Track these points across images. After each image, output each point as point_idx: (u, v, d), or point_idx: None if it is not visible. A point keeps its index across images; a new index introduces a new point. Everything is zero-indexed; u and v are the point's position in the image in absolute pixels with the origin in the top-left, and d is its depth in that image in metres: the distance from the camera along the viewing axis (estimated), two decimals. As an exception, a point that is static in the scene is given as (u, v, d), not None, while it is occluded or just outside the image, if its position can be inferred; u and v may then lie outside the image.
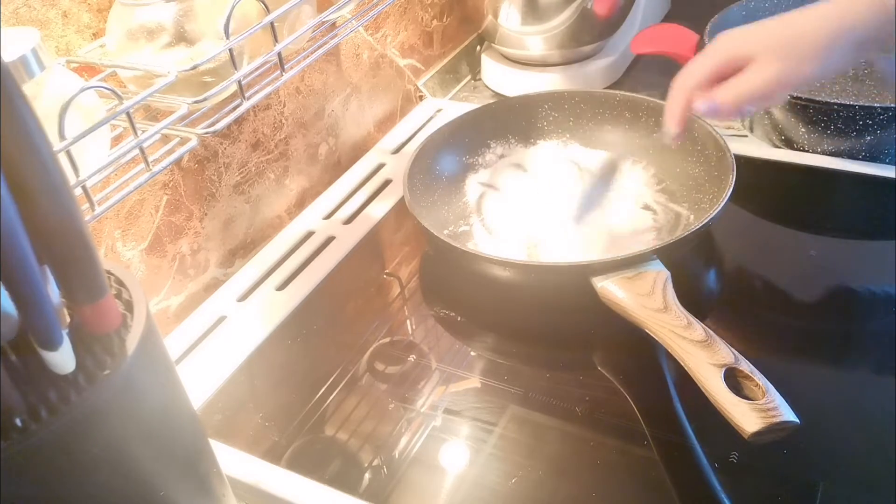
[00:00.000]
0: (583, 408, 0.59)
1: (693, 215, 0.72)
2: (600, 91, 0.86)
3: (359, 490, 0.55)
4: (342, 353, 0.68)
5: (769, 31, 0.57)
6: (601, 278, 0.61)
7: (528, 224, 0.74)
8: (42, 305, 0.32)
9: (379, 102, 0.98)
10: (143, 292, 0.40)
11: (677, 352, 0.54)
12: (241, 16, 0.56)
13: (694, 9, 0.97)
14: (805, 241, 0.75)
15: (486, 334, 0.69)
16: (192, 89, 0.56)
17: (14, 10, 0.56)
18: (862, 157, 0.80)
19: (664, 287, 0.59)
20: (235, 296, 0.73)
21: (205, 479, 0.44)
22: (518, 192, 0.79)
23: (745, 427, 0.48)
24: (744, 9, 0.92)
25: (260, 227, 0.82)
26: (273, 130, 0.81)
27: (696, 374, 0.52)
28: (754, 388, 0.50)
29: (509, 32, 1.01)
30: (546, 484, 0.54)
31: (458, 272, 0.73)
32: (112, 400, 0.36)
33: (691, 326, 0.55)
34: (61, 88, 0.47)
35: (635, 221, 0.73)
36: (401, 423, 0.60)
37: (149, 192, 0.68)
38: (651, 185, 0.77)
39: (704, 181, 0.73)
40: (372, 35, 0.94)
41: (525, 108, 0.85)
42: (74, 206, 0.32)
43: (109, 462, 0.36)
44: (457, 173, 0.82)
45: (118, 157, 0.51)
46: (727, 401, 0.49)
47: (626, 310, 0.59)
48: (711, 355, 0.52)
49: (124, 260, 0.67)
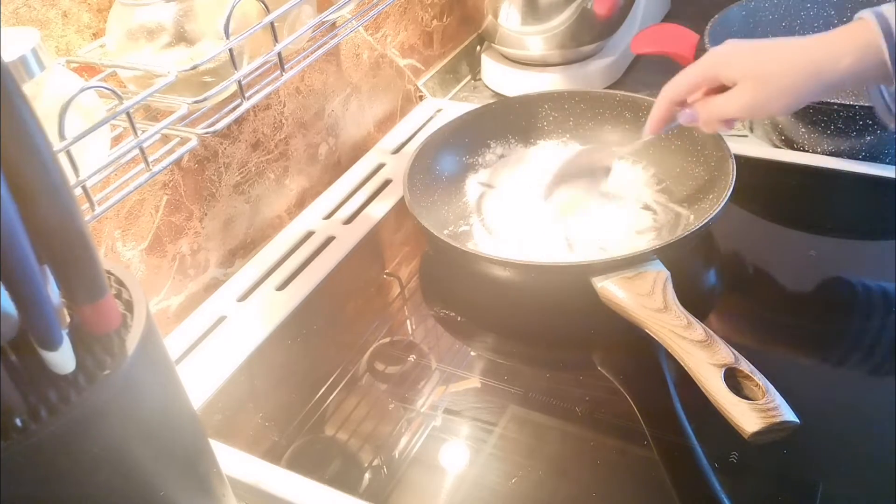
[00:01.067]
0: (583, 408, 0.59)
1: (693, 215, 0.72)
2: (600, 91, 0.86)
3: (359, 490, 0.55)
4: (342, 353, 0.68)
5: (753, 59, 0.60)
6: (601, 278, 0.61)
7: (528, 224, 0.74)
8: (42, 305, 0.32)
9: (379, 102, 0.98)
10: (143, 292, 0.40)
11: (677, 352, 0.54)
12: (241, 16, 0.56)
13: (694, 9, 0.97)
14: (805, 241, 0.75)
15: (486, 334, 0.69)
16: (192, 89, 0.56)
17: (14, 10, 0.56)
18: (862, 157, 0.80)
19: (664, 287, 0.59)
20: (235, 296, 0.73)
21: (205, 479, 0.44)
22: (518, 193, 0.79)
23: (745, 427, 0.48)
24: (744, 9, 0.92)
25: (260, 227, 0.82)
26: (273, 130, 0.81)
27: (696, 374, 0.52)
28: (754, 388, 0.50)
29: (509, 32, 1.01)
30: (546, 484, 0.54)
31: (458, 272, 0.73)
32: (112, 400, 0.36)
33: (691, 326, 0.55)
34: (61, 88, 0.47)
35: (635, 221, 0.73)
36: (401, 423, 0.60)
37: (149, 192, 0.68)
38: (651, 185, 0.77)
39: (704, 181, 0.73)
40: (372, 35, 0.94)
41: (525, 108, 0.85)
42: (74, 206, 0.32)
43: (109, 462, 0.36)
44: (457, 173, 0.82)
45: (118, 157, 0.51)
46: (727, 401, 0.49)
47: (626, 310, 0.59)
48: (711, 355, 0.52)
49: (124, 260, 0.67)
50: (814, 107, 0.78)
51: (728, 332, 0.62)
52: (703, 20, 0.88)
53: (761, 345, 0.63)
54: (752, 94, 0.59)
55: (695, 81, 0.63)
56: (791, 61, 0.58)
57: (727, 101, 0.60)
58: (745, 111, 0.60)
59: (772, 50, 0.59)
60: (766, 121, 0.84)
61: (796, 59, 0.58)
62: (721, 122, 0.63)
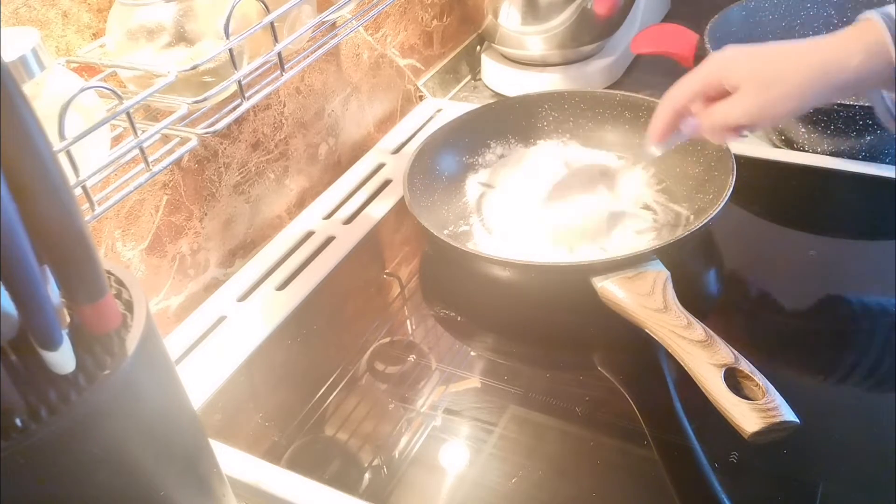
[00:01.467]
0: (583, 408, 0.59)
1: (693, 215, 0.72)
2: (600, 91, 0.86)
3: (359, 490, 0.55)
4: (342, 353, 0.68)
5: (757, 61, 0.57)
6: (601, 278, 0.61)
7: (528, 224, 0.74)
8: (42, 305, 0.32)
9: (379, 102, 0.98)
10: (143, 292, 0.40)
11: (677, 352, 0.54)
12: (241, 16, 0.56)
13: (694, 9, 0.97)
14: (805, 241, 0.75)
15: (486, 334, 0.69)
16: (192, 89, 0.56)
17: (14, 10, 0.56)
18: (862, 157, 0.80)
19: (664, 287, 0.59)
20: (235, 296, 0.73)
21: (205, 479, 0.44)
22: (518, 192, 0.79)
23: (746, 427, 0.48)
24: (744, 9, 0.92)
25: (260, 227, 0.82)
26: (273, 130, 0.81)
27: (696, 374, 0.52)
28: (754, 388, 0.50)
29: (509, 32, 1.01)
30: (546, 484, 0.54)
31: (458, 272, 0.73)
32: (112, 400, 0.36)
33: (691, 326, 0.55)
34: (61, 88, 0.47)
35: (635, 221, 0.73)
36: (401, 423, 0.60)
37: (149, 192, 0.68)
38: (651, 185, 0.77)
39: (704, 181, 0.73)
40: (372, 35, 0.94)
41: (525, 108, 0.85)
42: (74, 206, 0.32)
43: (109, 462, 0.36)
44: (457, 173, 0.82)
45: (118, 157, 0.51)
46: (727, 401, 0.49)
47: (626, 310, 0.59)
48: (711, 355, 0.52)
49: (124, 260, 0.67)
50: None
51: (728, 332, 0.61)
52: (703, 20, 0.88)
53: (761, 345, 0.63)
54: (754, 98, 0.56)
55: (696, 87, 0.60)
56: (796, 63, 0.56)
57: (731, 106, 0.57)
58: (750, 116, 0.57)
59: (775, 52, 0.57)
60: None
61: (802, 61, 0.56)
62: (727, 131, 0.60)
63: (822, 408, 0.57)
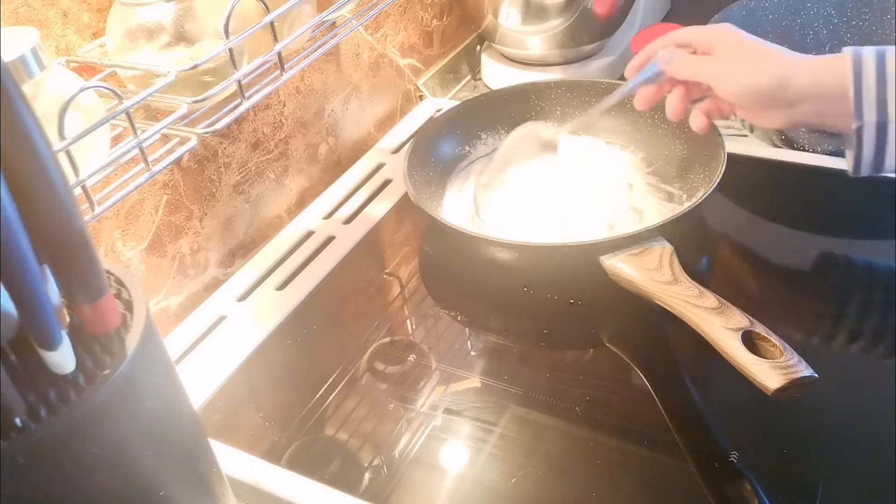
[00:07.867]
0: (583, 408, 0.59)
1: (685, 195, 0.74)
2: (586, 79, 0.87)
3: (359, 490, 0.55)
4: (342, 353, 0.68)
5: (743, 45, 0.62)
6: (608, 256, 0.63)
7: (526, 212, 0.75)
8: (42, 305, 0.32)
9: (379, 102, 0.98)
10: (143, 292, 0.40)
11: (693, 320, 0.55)
12: (240, 15, 0.56)
13: (694, 9, 0.97)
14: (805, 240, 0.75)
15: (486, 334, 0.69)
16: (191, 89, 0.56)
17: (14, 10, 0.56)
18: (862, 157, 0.80)
19: (671, 260, 0.61)
20: (235, 296, 0.73)
21: (205, 478, 0.44)
22: (513, 182, 0.79)
23: (769, 384, 0.49)
24: (744, 9, 0.92)
25: (260, 227, 0.82)
26: (273, 130, 0.81)
27: (714, 340, 0.53)
28: (771, 349, 0.51)
29: (509, 32, 1.01)
30: (546, 484, 0.54)
31: (458, 271, 0.73)
32: (112, 400, 0.36)
33: (704, 295, 0.57)
34: (61, 88, 0.47)
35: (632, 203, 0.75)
36: (401, 423, 0.60)
37: (149, 191, 0.68)
38: (641, 168, 0.79)
39: (694, 161, 0.75)
40: (372, 35, 0.94)
41: (512, 98, 0.86)
42: (74, 206, 0.32)
43: (109, 462, 0.36)
44: (451, 166, 0.84)
45: (118, 156, 0.51)
46: (748, 361, 0.50)
47: (637, 284, 0.60)
48: (727, 320, 0.53)
49: (124, 260, 0.67)
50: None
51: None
52: (703, 20, 0.88)
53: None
54: (720, 65, 0.62)
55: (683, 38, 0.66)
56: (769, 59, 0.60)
57: (702, 61, 0.63)
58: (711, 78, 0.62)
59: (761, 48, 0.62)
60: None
61: (774, 60, 0.60)
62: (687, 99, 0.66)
63: (822, 408, 0.57)
